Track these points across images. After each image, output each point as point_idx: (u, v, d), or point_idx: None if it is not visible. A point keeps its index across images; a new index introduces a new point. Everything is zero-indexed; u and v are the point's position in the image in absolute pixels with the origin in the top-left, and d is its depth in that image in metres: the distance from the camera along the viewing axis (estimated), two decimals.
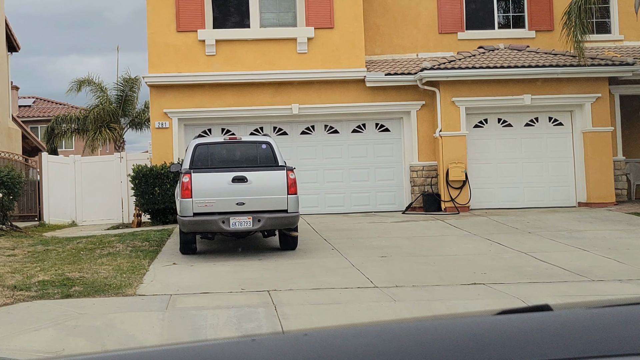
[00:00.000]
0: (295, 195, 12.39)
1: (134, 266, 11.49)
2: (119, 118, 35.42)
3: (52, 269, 11.31)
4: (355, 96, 19.09)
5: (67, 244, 14.62)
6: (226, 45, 18.68)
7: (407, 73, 18.82)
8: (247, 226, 12.17)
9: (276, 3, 19.21)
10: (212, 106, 18.78)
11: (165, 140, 18.60)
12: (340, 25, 18.85)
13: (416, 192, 19.10)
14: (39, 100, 50.16)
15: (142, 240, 14.45)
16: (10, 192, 17.07)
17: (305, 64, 18.78)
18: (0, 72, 26.78)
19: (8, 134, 27.25)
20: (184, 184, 12.12)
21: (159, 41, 18.58)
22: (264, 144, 13.79)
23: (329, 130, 19.57)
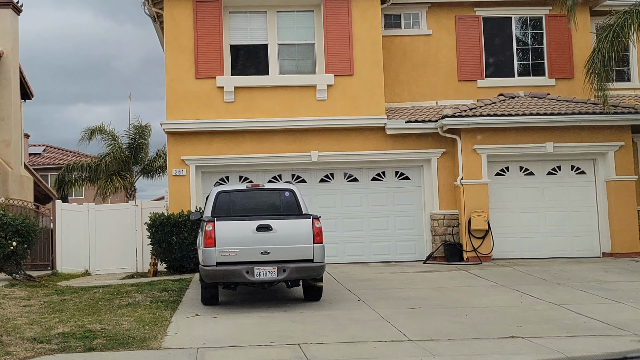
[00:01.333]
0: (321, 244, 12.05)
1: (155, 317, 11.10)
2: (130, 166, 35.31)
3: (71, 320, 10.93)
4: (375, 144, 18.86)
5: (84, 294, 14.25)
6: (245, 92, 18.53)
7: (428, 120, 18.61)
8: (271, 276, 11.81)
9: (295, 50, 19.12)
10: (230, 153, 18.55)
11: (183, 188, 18.32)
12: (360, 72, 18.71)
13: (437, 242, 18.72)
14: (49, 148, 50.20)
15: (161, 291, 14.07)
16: (24, 241, 16.74)
17: (324, 111, 18.60)
18: (14, 120, 26.70)
19: (20, 182, 27.04)
20: (207, 233, 11.79)
21: (177, 88, 18.45)
22: (287, 192, 13.51)
23: (348, 178, 19.30)
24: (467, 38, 20.30)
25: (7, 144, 26.21)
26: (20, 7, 27.35)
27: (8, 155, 26.14)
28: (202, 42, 18.45)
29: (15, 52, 26.93)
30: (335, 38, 18.67)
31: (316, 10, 19.07)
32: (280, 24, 19.09)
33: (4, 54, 26.15)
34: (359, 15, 18.78)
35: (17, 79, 27.10)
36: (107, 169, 33.59)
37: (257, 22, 19.11)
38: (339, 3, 18.73)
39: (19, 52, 27.25)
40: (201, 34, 18.45)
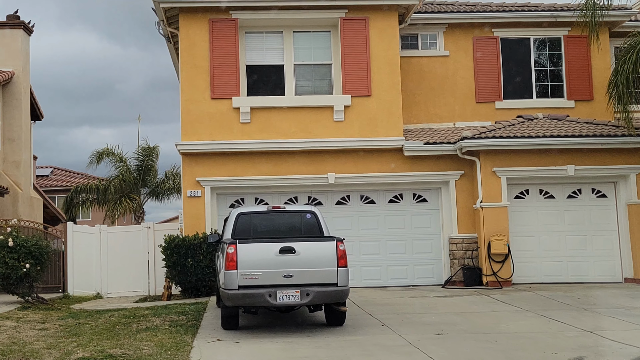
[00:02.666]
0: (345, 267, 11.73)
1: (176, 342, 10.78)
2: (138, 188, 35.12)
3: (90, 345, 10.60)
4: (392, 165, 18.58)
5: (99, 318, 13.93)
6: (261, 113, 18.31)
7: (446, 142, 18.35)
8: (295, 300, 11.48)
9: (311, 71, 18.92)
10: (246, 175, 18.29)
11: (198, 210, 18.03)
12: (377, 93, 18.49)
13: (456, 266, 18.37)
14: (57, 170, 49.99)
15: (178, 314, 13.75)
16: (37, 263, 16.45)
17: (341, 132, 18.36)
18: (25, 141, 26.51)
19: (30, 203, 26.79)
20: (228, 255, 11.49)
21: (192, 108, 18.23)
22: (308, 214, 13.23)
23: (365, 201, 19.00)
24: (485, 59, 20.09)
25: (17, 165, 26.01)
26: (32, 28, 27.27)
27: (18, 176, 25.92)
28: (218, 62, 18.25)
29: (26, 72, 26.81)
30: (353, 58, 18.47)
31: (333, 30, 18.90)
32: (297, 44, 18.91)
33: (15, 75, 26.02)
34: (377, 36, 18.59)
35: (27, 99, 26.95)
36: (115, 191, 33.39)
37: (273, 43, 18.93)
38: (356, 23, 18.56)
39: (29, 73, 27.11)
40: (217, 54, 18.26)
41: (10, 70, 25.76)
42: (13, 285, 16.32)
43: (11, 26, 26.29)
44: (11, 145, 25.94)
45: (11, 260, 16.02)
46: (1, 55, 25.94)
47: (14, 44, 26.14)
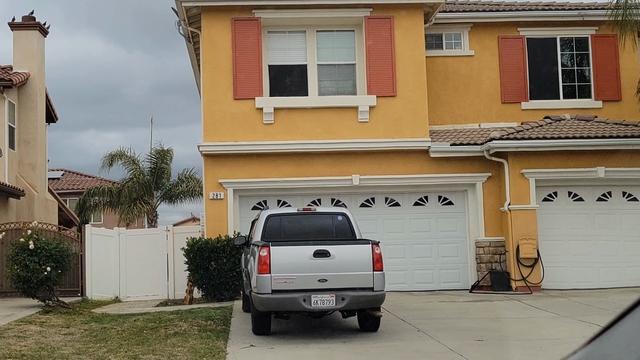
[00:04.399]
0: (381, 271, 11.36)
1: (209, 348, 10.42)
2: (152, 191, 34.79)
3: (120, 350, 10.26)
4: (417, 167, 18.22)
5: (124, 322, 13.58)
6: (284, 114, 17.96)
7: (473, 143, 17.98)
8: (329, 305, 11.12)
9: (335, 71, 18.57)
10: (269, 176, 17.93)
11: (220, 212, 17.68)
12: (402, 93, 18.12)
13: (483, 270, 17.98)
14: (68, 173, 49.73)
15: (205, 319, 13.39)
16: (58, 266, 16.12)
17: (366, 133, 17.99)
18: (40, 143, 26.24)
19: (45, 206, 26.51)
20: (261, 258, 11.13)
21: (214, 109, 17.90)
22: (340, 216, 12.89)
23: (389, 203, 18.62)
24: (511, 59, 19.71)
25: (33, 167, 25.74)
26: (47, 29, 27.01)
27: (34, 178, 25.65)
28: (240, 62, 17.92)
29: (42, 74, 26.55)
30: (378, 58, 18.12)
31: (357, 30, 18.55)
32: (320, 44, 18.56)
33: (30, 76, 25.76)
34: (402, 35, 18.24)
35: (43, 101, 26.69)
36: (130, 194, 33.06)
37: (296, 42, 18.59)
38: (381, 23, 18.21)
39: (45, 74, 26.85)
40: (239, 53, 17.93)
41: (26, 72, 25.50)
42: (33, 288, 16.00)
43: (27, 27, 26.05)
44: (27, 148, 25.68)
45: (32, 263, 15.70)
46: (17, 57, 25.70)
47: (29, 45, 25.89)
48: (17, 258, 15.84)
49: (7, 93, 24.34)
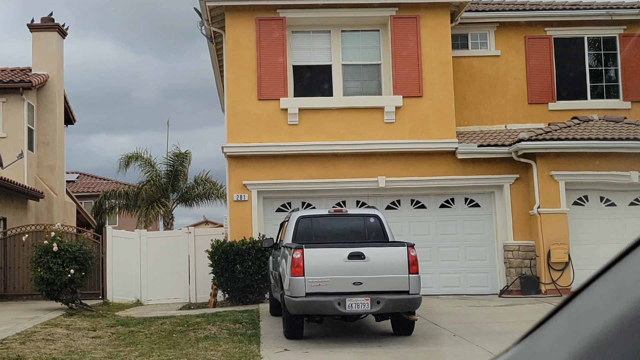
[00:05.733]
0: (417, 274, 11.12)
1: (243, 352, 10.18)
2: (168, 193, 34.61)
3: (153, 354, 10.02)
4: (444, 169, 17.92)
5: (150, 325, 13.37)
6: (309, 114, 17.72)
7: (501, 144, 17.67)
8: (364, 308, 10.86)
9: (360, 71, 18.32)
10: (293, 178, 17.67)
11: (244, 214, 17.44)
12: (429, 93, 17.85)
13: (512, 274, 17.63)
14: (83, 176, 49.70)
15: (233, 322, 13.15)
16: (81, 269, 15.93)
17: (392, 134, 17.71)
18: (59, 145, 26.11)
19: (64, 208, 26.37)
20: (295, 261, 10.88)
21: (238, 110, 17.66)
22: (372, 218, 12.65)
23: (415, 205, 18.33)
24: (537, 59, 19.40)
25: (52, 169, 25.61)
26: (66, 31, 26.89)
27: (52, 180, 25.52)
28: (264, 63, 17.68)
29: (61, 76, 26.44)
30: (403, 58, 17.85)
31: (382, 29, 18.30)
32: (345, 44, 18.31)
33: (49, 78, 25.64)
34: (428, 35, 17.97)
35: (62, 103, 26.59)
36: (147, 197, 32.89)
37: (321, 42, 18.35)
38: (407, 22, 17.94)
39: (63, 76, 26.73)
40: (264, 54, 17.70)
41: (45, 74, 25.39)
42: (57, 291, 15.81)
43: (46, 29, 25.94)
44: (45, 149, 25.56)
45: (55, 265, 15.51)
46: (36, 58, 25.60)
47: (48, 47, 25.78)
48: (40, 260, 15.66)
49: (26, 95, 24.23)
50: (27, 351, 10.19)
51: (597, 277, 1.01)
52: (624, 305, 0.89)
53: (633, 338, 0.86)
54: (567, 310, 1.02)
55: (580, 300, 1.00)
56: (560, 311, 1.03)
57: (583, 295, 1.01)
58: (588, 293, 1.00)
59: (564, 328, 0.99)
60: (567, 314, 1.01)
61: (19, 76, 24.50)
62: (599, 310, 0.94)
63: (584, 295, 1.00)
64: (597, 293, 0.98)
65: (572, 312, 1.00)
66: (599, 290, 0.98)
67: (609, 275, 0.98)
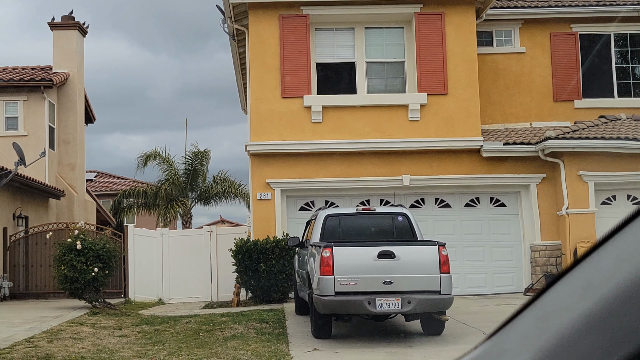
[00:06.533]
0: (448, 274, 10.93)
1: (272, 351, 10.05)
2: (187, 192, 34.56)
3: (182, 353, 9.91)
4: (469, 167, 17.72)
5: (175, 324, 13.27)
6: (333, 112, 17.56)
7: (527, 143, 17.44)
8: (395, 308, 10.69)
9: (383, 69, 18.15)
10: (317, 176, 17.53)
11: (267, 213, 17.31)
12: (454, 91, 17.65)
13: (537, 273, 17.42)
14: (101, 175, 49.75)
15: (259, 322, 13.03)
16: (105, 267, 15.87)
17: (416, 132, 17.52)
18: (79, 144, 26.13)
19: (85, 207, 26.37)
20: (324, 259, 10.73)
21: (261, 108, 17.54)
22: (400, 216, 12.48)
23: (439, 204, 18.14)
24: (563, 56, 19.16)
25: (72, 167, 25.62)
26: (86, 29, 26.89)
27: (73, 179, 25.53)
28: (288, 60, 17.55)
29: (81, 74, 26.46)
30: (428, 55, 17.66)
31: (406, 26, 18.12)
32: (369, 41, 18.14)
33: (70, 76, 25.65)
34: (453, 32, 17.77)
35: (82, 101, 26.59)
36: (166, 196, 32.87)
37: (344, 40, 18.20)
38: (432, 19, 17.76)
39: (84, 75, 26.73)
40: (287, 51, 17.56)
41: (66, 72, 25.40)
42: (80, 289, 15.75)
43: (66, 27, 25.95)
44: (66, 148, 25.57)
45: (79, 263, 15.45)
46: (56, 57, 25.61)
47: (69, 46, 25.79)
48: (64, 258, 15.60)
49: (47, 93, 24.25)
50: (55, 350, 10.11)
51: (564, 274, 0.99)
52: (590, 302, 0.89)
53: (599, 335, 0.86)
54: (534, 307, 1.01)
55: (548, 298, 1.00)
56: (528, 309, 1.02)
57: (550, 292, 1.00)
58: (555, 290, 0.99)
59: (531, 325, 0.99)
60: (535, 312, 1.00)
61: (39, 74, 24.53)
62: (566, 308, 0.93)
63: (552, 293, 0.99)
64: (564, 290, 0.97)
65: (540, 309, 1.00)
66: (566, 287, 0.97)
67: (577, 272, 0.97)
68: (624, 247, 0.92)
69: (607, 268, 0.91)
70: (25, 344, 10.58)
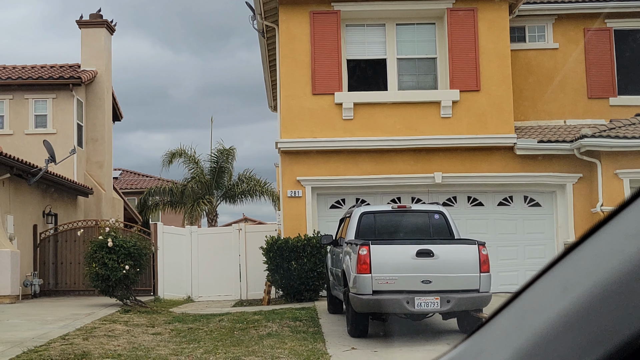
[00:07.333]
0: (488, 273, 10.76)
1: (310, 350, 9.90)
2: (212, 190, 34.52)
3: (219, 351, 9.80)
4: (502, 165, 17.47)
5: (208, 322, 13.17)
6: (364, 109, 17.39)
7: (562, 141, 17.16)
8: (434, 307, 10.51)
9: (415, 65, 17.94)
10: (348, 174, 17.36)
11: (298, 211, 17.18)
12: (487, 87, 17.40)
13: None
14: (125, 173, 49.94)
15: (293, 320, 12.89)
16: (136, 265, 15.81)
17: (449, 129, 17.30)
18: (107, 142, 26.16)
19: (112, 204, 26.41)
20: (361, 257, 10.57)
21: (292, 104, 17.40)
22: (436, 214, 12.30)
23: (472, 203, 17.91)
24: (597, 52, 18.84)
25: (100, 165, 25.66)
26: (114, 27, 26.92)
27: (101, 176, 25.57)
28: (319, 57, 17.39)
29: (109, 72, 26.48)
30: (460, 51, 17.43)
31: (438, 22, 17.90)
32: (400, 37, 17.95)
33: (98, 74, 25.68)
34: (486, 27, 17.53)
35: (110, 99, 26.63)
36: (193, 194, 32.86)
37: (375, 36, 18.01)
38: (464, 15, 17.52)
39: (111, 73, 26.76)
40: (318, 48, 17.41)
41: (94, 70, 25.44)
42: (111, 287, 15.70)
43: (94, 25, 25.99)
44: (94, 146, 25.62)
45: (110, 261, 15.40)
46: (85, 55, 25.66)
47: (97, 44, 25.83)
48: (95, 256, 15.56)
49: (75, 91, 24.29)
50: (91, 347, 10.04)
51: (543, 273, 0.99)
52: (568, 301, 0.90)
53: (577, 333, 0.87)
54: (513, 306, 1.01)
55: (526, 297, 1.00)
56: (507, 308, 1.02)
57: (529, 291, 1.00)
58: (534, 289, 0.99)
59: (510, 324, 1.00)
60: (514, 311, 1.01)
61: (68, 72, 24.58)
62: (544, 306, 0.94)
63: (530, 292, 1.00)
64: (542, 289, 0.97)
65: (519, 308, 1.00)
66: (544, 286, 0.97)
67: (555, 271, 0.97)
68: (601, 247, 0.91)
69: (585, 267, 0.91)
70: (61, 342, 10.52)
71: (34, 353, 9.58)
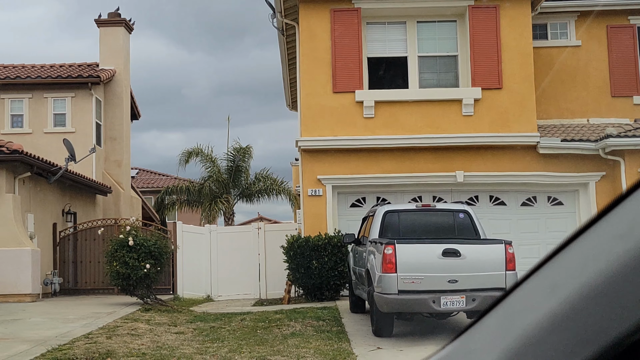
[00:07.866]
0: (514, 271, 10.62)
1: (335, 350, 9.80)
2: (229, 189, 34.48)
3: (244, 351, 9.72)
4: (524, 164, 17.28)
5: (230, 321, 13.10)
6: (385, 107, 17.27)
7: (586, 140, 16.96)
8: (459, 306, 10.39)
9: (436, 63, 17.80)
10: (368, 172, 17.24)
11: (319, 209, 17.08)
12: (509, 85, 17.23)
13: None
14: (142, 172, 50.05)
15: (315, 319, 12.79)
16: (157, 263, 15.77)
17: (470, 128, 17.15)
18: (125, 140, 26.17)
19: (130, 203, 26.42)
20: (386, 257, 10.45)
21: (312, 103, 17.30)
22: (461, 213, 12.15)
23: (494, 202, 17.75)
24: (621, 49, 18.63)
25: (119, 164, 25.67)
26: (132, 26, 26.93)
27: (120, 175, 25.58)
28: (339, 55, 17.28)
29: (127, 71, 26.49)
30: (482, 49, 17.26)
31: (459, 20, 17.75)
32: (421, 35, 17.81)
33: (116, 73, 25.69)
34: (508, 25, 17.36)
35: (128, 98, 26.63)
36: (210, 192, 32.83)
37: (396, 34, 17.88)
38: (486, 12, 17.36)
39: (130, 71, 26.76)
40: (339, 45, 17.30)
41: (112, 69, 25.45)
42: (132, 286, 15.67)
43: (112, 24, 26.01)
44: (112, 144, 25.63)
45: (131, 260, 15.36)
46: (103, 54, 25.68)
47: (115, 42, 25.84)
48: (116, 254, 15.53)
49: (94, 90, 24.31)
50: (115, 346, 9.98)
51: (531, 274, 1.00)
52: (556, 301, 0.90)
53: (565, 334, 0.87)
54: (501, 307, 1.02)
55: (515, 297, 1.00)
56: (495, 308, 1.03)
57: (517, 292, 1.01)
58: (522, 290, 1.00)
59: (498, 325, 1.00)
60: (502, 311, 1.01)
61: (86, 71, 24.61)
62: (532, 307, 0.94)
63: (518, 292, 1.00)
64: (531, 290, 0.98)
65: (507, 309, 1.01)
66: (533, 287, 0.98)
67: (543, 272, 0.97)
68: (589, 248, 0.91)
69: (573, 268, 0.91)
70: (85, 340, 10.49)
71: (58, 352, 9.54)
